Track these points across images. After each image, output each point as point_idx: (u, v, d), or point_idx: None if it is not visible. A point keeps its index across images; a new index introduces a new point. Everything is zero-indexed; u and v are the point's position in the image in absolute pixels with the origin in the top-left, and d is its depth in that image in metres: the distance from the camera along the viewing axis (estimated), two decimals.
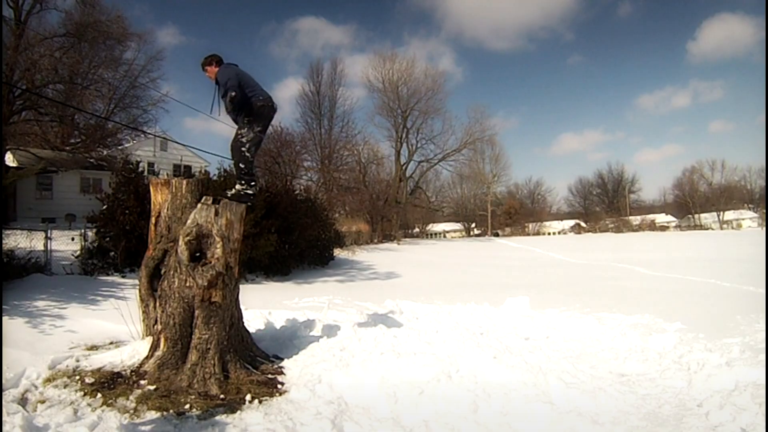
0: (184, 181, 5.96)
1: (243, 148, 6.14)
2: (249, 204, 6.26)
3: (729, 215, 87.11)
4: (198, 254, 5.50)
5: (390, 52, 60.72)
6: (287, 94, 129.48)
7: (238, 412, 4.49)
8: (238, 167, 6.24)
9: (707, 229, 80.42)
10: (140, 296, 5.77)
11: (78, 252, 14.47)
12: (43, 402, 4.52)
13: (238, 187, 6.17)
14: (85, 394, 4.63)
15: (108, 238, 14.41)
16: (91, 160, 30.54)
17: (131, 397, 4.59)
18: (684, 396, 5.12)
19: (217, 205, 5.62)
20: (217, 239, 5.50)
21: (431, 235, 74.34)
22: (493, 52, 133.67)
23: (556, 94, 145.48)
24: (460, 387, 5.18)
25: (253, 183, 6.27)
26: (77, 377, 5.01)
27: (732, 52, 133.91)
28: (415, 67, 57.99)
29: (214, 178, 17.15)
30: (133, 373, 5.13)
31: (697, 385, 5.33)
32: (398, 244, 41.78)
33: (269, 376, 5.44)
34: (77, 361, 5.50)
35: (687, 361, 6.21)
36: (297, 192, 23.06)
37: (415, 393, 5.00)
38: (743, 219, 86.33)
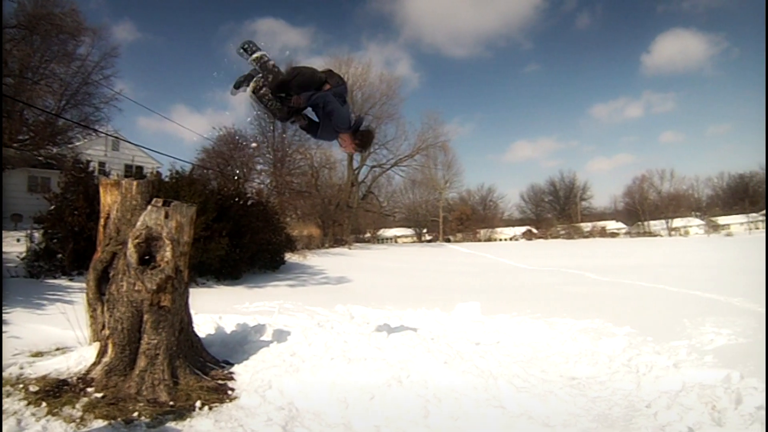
0: (135, 182, 5.79)
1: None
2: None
3: (677, 222, 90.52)
4: (147, 257, 5.35)
5: (347, 56, 60.42)
6: (242, 96, 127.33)
7: (188, 419, 4.38)
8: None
9: (656, 235, 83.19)
10: (88, 300, 5.56)
11: (24, 254, 13.87)
12: None
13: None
14: (29, 403, 4.40)
15: (55, 240, 13.85)
16: (40, 158, 29.41)
17: (78, 406, 4.40)
18: (633, 398, 5.25)
19: (167, 208, 5.47)
20: (167, 242, 5.36)
21: (383, 240, 74.69)
22: (451, 58, 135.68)
23: (512, 102, 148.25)
24: (411, 392, 5.18)
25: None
26: (21, 385, 4.76)
27: (684, 65, 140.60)
28: (370, 72, 58.09)
29: (166, 179, 16.78)
30: (79, 381, 4.92)
31: (646, 387, 5.48)
32: (350, 248, 41.71)
33: (219, 381, 5.33)
34: (21, 368, 5.25)
35: (636, 363, 6.37)
36: (249, 195, 22.83)
37: (366, 398, 4.98)
38: (691, 226, 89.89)
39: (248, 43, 5.83)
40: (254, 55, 5.75)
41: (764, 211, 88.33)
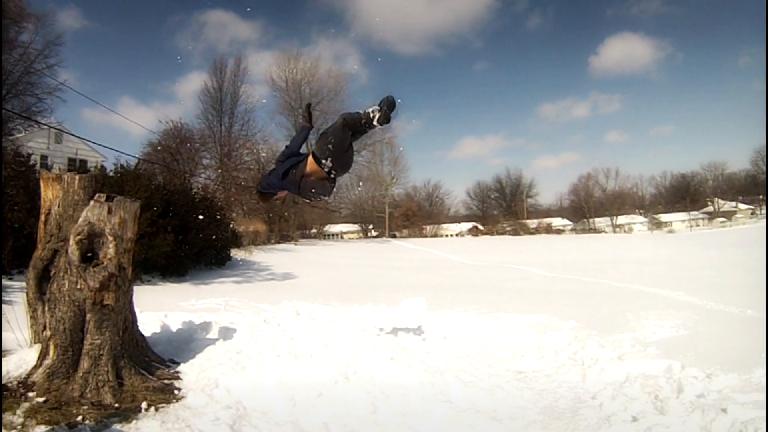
0: (77, 177, 5.55)
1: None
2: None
3: (621, 220, 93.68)
4: (90, 254, 5.15)
5: (296, 51, 60.08)
6: (190, 89, 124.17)
7: (134, 421, 4.25)
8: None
9: (601, 232, 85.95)
10: (28, 300, 5.32)
11: None
12: None
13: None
14: None
15: None
16: None
17: (18, 412, 4.18)
18: (579, 389, 5.40)
19: (110, 203, 5.27)
20: (110, 238, 5.19)
21: (328, 236, 74.19)
22: (401, 55, 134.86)
23: (460, 99, 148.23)
24: (358, 388, 5.19)
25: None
26: None
27: (630, 68, 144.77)
28: (319, 67, 57.91)
29: (111, 173, 16.29)
30: (20, 385, 4.70)
31: (591, 379, 5.65)
32: (295, 244, 41.44)
33: (165, 381, 5.21)
34: None
35: (581, 356, 6.57)
36: (195, 191, 22.41)
37: (314, 395, 4.96)
38: (634, 223, 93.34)
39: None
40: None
41: (707, 209, 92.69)
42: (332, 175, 5.00)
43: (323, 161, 4.84)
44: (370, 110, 4.68)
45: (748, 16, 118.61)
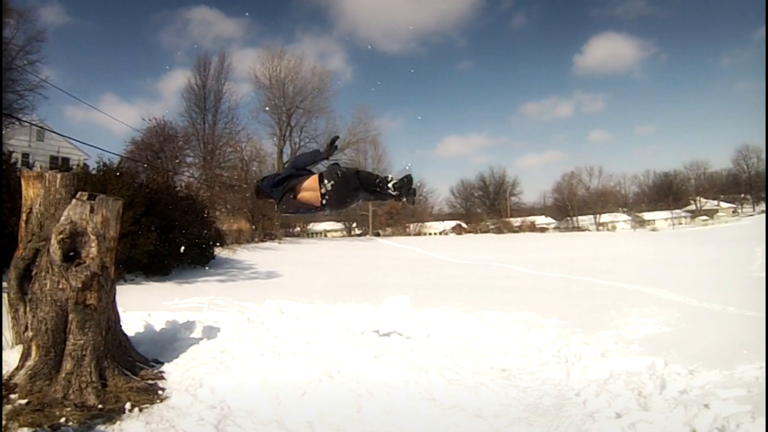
0: (59, 175, 5.47)
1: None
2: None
3: (604, 218, 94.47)
4: (72, 254, 5.08)
5: (280, 49, 59.83)
6: (174, 86, 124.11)
7: (118, 422, 4.21)
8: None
9: (584, 230, 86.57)
10: (9, 300, 5.23)
11: None
12: None
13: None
14: None
15: None
16: None
17: None
18: (563, 387, 5.41)
19: (93, 202, 5.19)
20: (92, 237, 5.11)
21: (312, 234, 74.11)
22: (385, 53, 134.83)
23: (444, 98, 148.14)
24: (343, 387, 5.18)
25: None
26: None
27: (614, 68, 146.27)
28: (303, 65, 57.74)
29: (93, 172, 16.10)
30: (2, 387, 4.69)
31: (575, 376, 5.66)
32: (279, 243, 41.30)
33: (149, 381, 5.16)
34: None
35: (565, 354, 6.57)
36: (178, 189, 22.24)
37: (298, 394, 4.94)
38: (617, 221, 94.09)
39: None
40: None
41: (689, 207, 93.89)
42: (323, 202, 4.94)
43: (326, 181, 4.84)
44: (389, 176, 4.84)
45: (731, 18, 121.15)
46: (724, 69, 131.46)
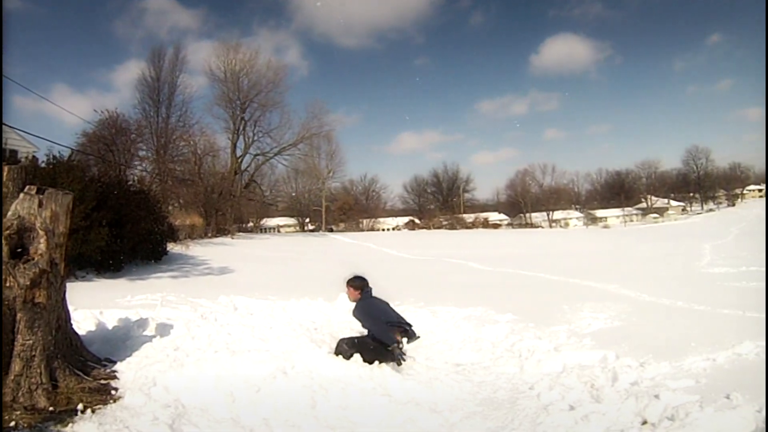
0: (6, 168, 5.25)
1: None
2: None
3: (557, 215, 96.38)
4: (19, 250, 4.89)
5: (235, 42, 58.42)
6: (127, 78, 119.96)
7: (70, 424, 4.09)
8: None
9: (537, 227, 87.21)
10: None
11: None
12: None
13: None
14: None
15: None
16: None
17: None
18: (517, 381, 5.48)
19: (41, 196, 5.01)
20: (41, 233, 4.94)
21: (265, 229, 73.16)
22: (341, 48, 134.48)
23: (399, 94, 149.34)
24: (297, 383, 5.17)
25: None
26: None
27: (570, 68, 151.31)
28: (258, 59, 56.67)
29: (42, 165, 15.53)
30: None
31: (529, 370, 5.74)
32: (232, 238, 40.49)
33: (102, 381, 5.04)
34: None
35: (518, 348, 6.62)
36: (131, 183, 21.68)
37: (253, 391, 4.92)
38: (570, 218, 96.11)
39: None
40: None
41: (641, 205, 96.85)
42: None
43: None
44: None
45: (685, 24, 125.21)
46: (676, 72, 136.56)
